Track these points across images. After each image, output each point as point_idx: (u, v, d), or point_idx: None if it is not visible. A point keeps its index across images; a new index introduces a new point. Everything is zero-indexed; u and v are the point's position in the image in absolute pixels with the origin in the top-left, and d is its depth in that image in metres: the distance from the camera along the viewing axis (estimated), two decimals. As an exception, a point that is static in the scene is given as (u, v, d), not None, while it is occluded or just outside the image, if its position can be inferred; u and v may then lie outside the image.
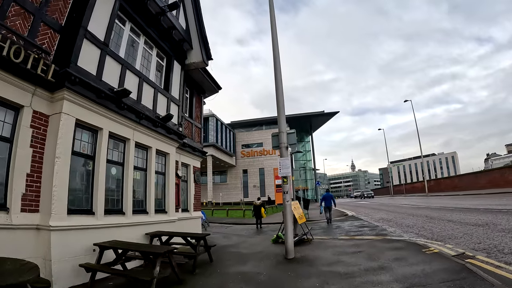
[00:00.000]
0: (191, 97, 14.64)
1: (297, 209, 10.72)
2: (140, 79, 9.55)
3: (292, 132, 8.92)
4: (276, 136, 8.94)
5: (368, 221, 15.58)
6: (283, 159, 8.45)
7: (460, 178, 37.65)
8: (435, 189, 41.12)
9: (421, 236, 9.84)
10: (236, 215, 27.71)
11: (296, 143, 8.74)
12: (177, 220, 10.95)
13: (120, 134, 8.46)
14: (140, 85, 9.54)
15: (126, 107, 8.41)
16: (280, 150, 8.63)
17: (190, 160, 13.53)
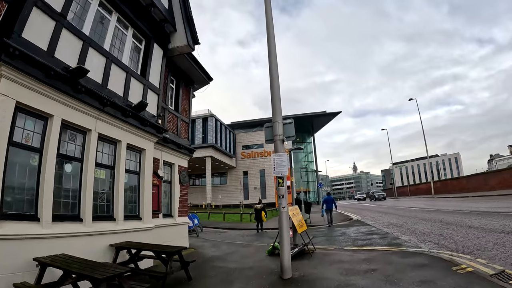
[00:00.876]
0: (178, 88, 13.11)
1: (297, 215, 9.13)
2: (108, 60, 8.02)
3: (290, 122, 7.30)
4: (269, 127, 7.37)
5: (376, 227, 13.98)
6: (278, 155, 6.88)
7: (468, 179, 35.94)
8: (442, 190, 39.41)
9: (443, 247, 8.25)
10: (233, 219, 26.13)
11: (294, 136, 7.15)
12: (155, 227, 9.36)
13: (78, 124, 6.94)
14: (108, 67, 8.01)
15: (85, 91, 6.88)
16: (274, 144, 7.06)
17: (175, 159, 11.98)
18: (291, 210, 8.88)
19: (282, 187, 6.74)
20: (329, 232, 14.13)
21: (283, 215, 6.57)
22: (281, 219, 6.58)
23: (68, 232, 6.27)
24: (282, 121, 7.18)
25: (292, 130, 7.21)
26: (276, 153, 6.91)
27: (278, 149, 6.94)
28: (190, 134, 13.79)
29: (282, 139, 6.94)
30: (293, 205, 10.13)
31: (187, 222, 12.43)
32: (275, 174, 6.83)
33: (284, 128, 7.14)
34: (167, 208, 11.47)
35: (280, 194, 6.68)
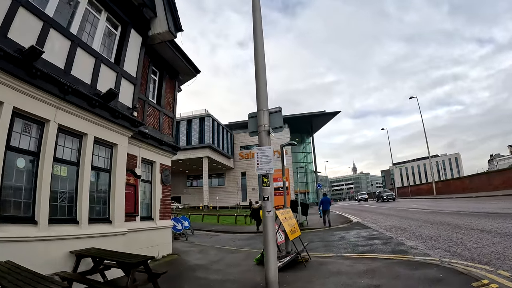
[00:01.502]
0: (161, 80, 12.06)
1: (289, 219, 8.04)
2: (74, 44, 7.00)
3: (277, 110, 6.19)
4: (253, 117, 6.30)
5: (378, 230, 12.89)
6: (262, 150, 5.83)
7: (471, 179, 34.81)
8: (444, 191, 38.30)
9: (456, 255, 7.18)
10: (228, 221, 25.02)
11: (282, 126, 6.08)
12: (129, 232, 8.31)
13: (33, 113, 5.94)
14: (72, 52, 6.99)
15: (41, 75, 5.87)
16: (258, 136, 6.00)
17: (156, 156, 10.92)
18: (283, 213, 7.83)
19: (267, 187, 5.67)
20: (327, 236, 13.06)
21: (268, 221, 5.49)
22: (266, 225, 5.49)
23: (17, 237, 5.27)
24: (268, 109, 6.11)
25: (280, 120, 6.13)
26: (260, 146, 5.84)
27: (262, 142, 5.87)
28: (175, 130, 12.70)
29: (268, 131, 5.88)
30: (285, 208, 9.03)
31: (170, 226, 11.35)
32: (258, 171, 5.78)
33: (270, 118, 6.07)
34: (146, 210, 10.41)
35: (265, 195, 5.61)
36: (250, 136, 6.64)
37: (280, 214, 7.59)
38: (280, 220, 7.35)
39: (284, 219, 7.60)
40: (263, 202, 5.59)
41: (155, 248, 10.04)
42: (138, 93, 9.71)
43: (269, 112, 6.12)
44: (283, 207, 9.14)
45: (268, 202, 5.53)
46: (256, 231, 17.63)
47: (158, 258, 9.93)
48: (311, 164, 77.05)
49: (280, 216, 7.49)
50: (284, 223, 7.49)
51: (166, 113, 12.06)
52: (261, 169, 5.71)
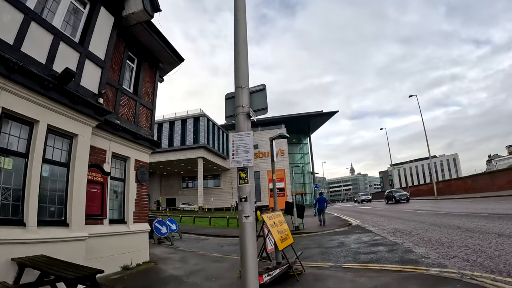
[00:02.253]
0: (139, 68, 10.87)
1: (279, 225, 6.79)
2: (27, 18, 5.89)
3: (260, 89, 4.94)
4: (231, 98, 5.06)
5: (381, 235, 11.65)
6: (239, 137, 4.59)
7: (474, 179, 33.62)
8: (445, 191, 37.09)
9: (478, 266, 5.97)
10: (220, 224, 23.78)
11: (266, 109, 4.83)
12: (92, 237, 7.12)
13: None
14: (25, 26, 5.90)
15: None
16: (236, 119, 4.75)
17: (130, 151, 9.68)
18: (271, 217, 6.59)
19: (246, 185, 4.43)
20: (325, 242, 11.82)
21: (247, 228, 4.23)
22: (243, 234, 4.22)
23: None
24: (250, 87, 4.88)
25: (264, 101, 4.90)
26: (238, 132, 4.60)
27: (240, 126, 4.63)
28: (153, 123, 11.43)
29: (248, 113, 4.63)
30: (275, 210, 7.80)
31: (146, 230, 10.06)
32: (234, 163, 4.54)
33: (252, 99, 4.84)
34: (118, 212, 9.18)
35: (243, 195, 4.36)
36: (226, 121, 5.36)
37: (268, 218, 6.35)
38: (268, 226, 6.11)
39: (273, 225, 6.36)
40: (239, 204, 4.35)
41: (129, 255, 8.87)
42: (107, 78, 8.54)
43: (250, 92, 4.89)
44: (272, 210, 7.94)
45: (247, 205, 4.29)
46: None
47: (132, 267, 8.76)
48: (308, 165, 75.91)
49: (268, 221, 6.26)
50: (273, 229, 6.26)
51: (144, 103, 10.85)
52: (237, 161, 4.47)
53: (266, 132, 65.99)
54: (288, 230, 7.08)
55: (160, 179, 71.82)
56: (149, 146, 10.74)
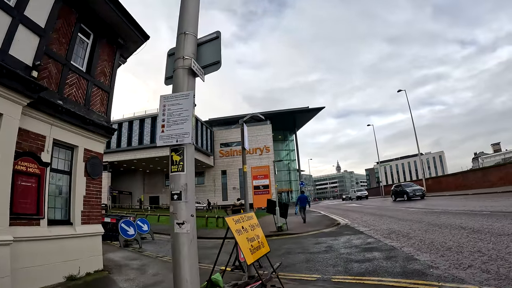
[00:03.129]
0: (95, 44, 9.25)
1: (249, 230, 5.18)
2: None
3: (212, 38, 3.38)
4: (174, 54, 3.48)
5: (374, 237, 10.19)
6: (173, 99, 3.03)
7: (465, 176, 32.59)
8: (435, 188, 36.03)
9: (503, 280, 4.55)
10: (199, 223, 22.10)
11: (219, 63, 3.27)
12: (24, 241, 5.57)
13: None
14: None
15: None
16: (174, 76, 3.19)
17: (79, 139, 8.07)
18: (239, 221, 5.03)
19: (180, 175, 2.87)
20: (310, 245, 10.31)
21: (181, 244, 2.70)
22: (176, 252, 2.70)
23: None
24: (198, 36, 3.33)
25: (217, 53, 3.36)
26: (174, 93, 3.04)
27: (178, 85, 3.09)
28: (110, 107, 9.77)
29: (190, 67, 3.07)
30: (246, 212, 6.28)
31: (98, 232, 8.42)
32: (163, 141, 2.99)
33: (200, 51, 3.30)
34: (62, 211, 7.63)
35: (175, 189, 2.81)
36: (165, 84, 3.74)
37: (234, 222, 4.80)
38: (233, 233, 4.56)
39: (241, 230, 4.81)
40: (171, 203, 2.80)
41: (76, 263, 7.35)
42: (51, 52, 7.08)
43: (199, 43, 3.34)
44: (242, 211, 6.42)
45: (181, 205, 2.76)
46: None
47: (79, 277, 7.25)
48: (294, 162, 74.55)
49: (234, 225, 4.70)
50: (240, 236, 4.69)
51: (99, 84, 9.21)
52: (168, 135, 2.93)
53: (251, 129, 64.43)
54: (262, 236, 5.53)
55: (143, 177, 69.69)
56: (104, 134, 9.12)
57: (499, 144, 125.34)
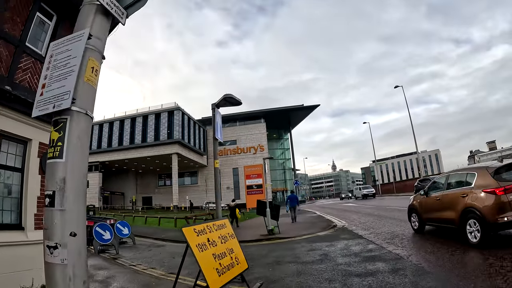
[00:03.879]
0: (57, 27, 8.11)
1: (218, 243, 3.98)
2: None
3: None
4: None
5: (375, 242, 9.01)
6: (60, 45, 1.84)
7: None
8: (433, 187, 34.97)
9: None
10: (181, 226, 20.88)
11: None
12: None
13: None
14: None
15: None
16: (79, 15, 2.01)
17: (32, 131, 6.92)
18: (204, 231, 3.84)
19: (58, 163, 1.71)
20: (303, 252, 9.11)
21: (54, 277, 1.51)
22: None
23: None
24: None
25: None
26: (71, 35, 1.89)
27: (82, 22, 1.89)
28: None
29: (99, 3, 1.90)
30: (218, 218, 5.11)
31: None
32: (38, 109, 1.82)
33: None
34: (10, 214, 6.47)
35: (49, 187, 1.65)
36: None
37: (195, 234, 3.61)
38: (192, 250, 3.36)
39: (204, 245, 3.62)
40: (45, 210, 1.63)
41: (29, 274, 6.19)
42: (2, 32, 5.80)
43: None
44: (211, 217, 5.27)
45: (54, 214, 1.58)
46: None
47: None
48: (289, 161, 73.36)
49: (194, 239, 3.51)
50: (203, 254, 3.49)
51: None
52: (45, 100, 1.75)
53: (245, 127, 63.32)
54: (238, 250, 4.35)
55: (136, 177, 68.32)
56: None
57: (494, 142, 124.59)
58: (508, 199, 6.07)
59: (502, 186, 6.24)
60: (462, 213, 7.00)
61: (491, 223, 6.18)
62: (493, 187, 6.39)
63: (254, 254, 9.57)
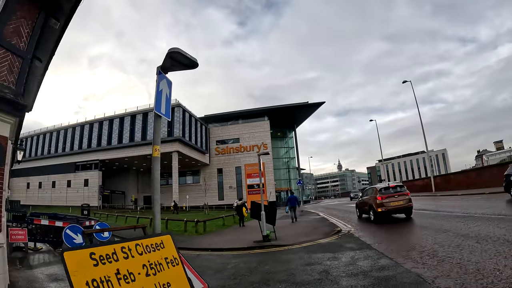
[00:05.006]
0: None
1: (139, 278, 2.45)
2: None
3: None
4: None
5: (388, 255, 7.38)
6: None
7: (478, 173, 29.59)
8: (443, 187, 33.00)
9: None
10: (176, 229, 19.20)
11: None
12: None
13: None
14: None
15: None
16: None
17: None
18: (110, 256, 2.26)
19: None
20: (300, 266, 7.50)
21: None
22: None
23: None
24: None
25: None
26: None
27: None
28: (22, 76, 7.06)
29: None
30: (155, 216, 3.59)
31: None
32: None
33: None
34: None
35: None
36: None
37: (91, 263, 2.05)
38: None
39: (109, 282, 2.06)
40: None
41: None
42: None
43: None
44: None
45: None
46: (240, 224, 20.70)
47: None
48: (293, 160, 71.64)
49: (83, 273, 1.96)
50: None
51: (7, 46, 6.55)
52: None
53: (248, 125, 61.78)
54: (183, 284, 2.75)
55: (137, 176, 67.00)
56: (10, 111, 6.46)
57: (501, 142, 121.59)
58: (382, 202, 13.76)
59: (380, 196, 14.03)
60: (369, 207, 14.98)
61: (377, 212, 13.87)
62: (378, 196, 14.08)
63: (240, 268, 8.03)
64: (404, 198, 13.91)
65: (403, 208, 13.90)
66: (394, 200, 13.75)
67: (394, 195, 13.93)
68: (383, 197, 13.89)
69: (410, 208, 13.96)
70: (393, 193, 14.08)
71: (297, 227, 16.18)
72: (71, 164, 57.82)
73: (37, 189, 62.50)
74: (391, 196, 13.90)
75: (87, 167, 56.61)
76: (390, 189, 14.34)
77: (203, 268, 8.10)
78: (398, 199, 13.78)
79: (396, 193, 14.04)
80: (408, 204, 13.87)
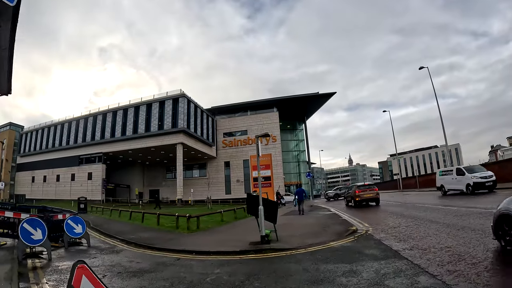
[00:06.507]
0: None
1: None
2: None
3: None
4: None
5: (428, 271, 5.25)
6: None
7: (502, 165, 26.97)
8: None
9: None
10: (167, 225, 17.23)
11: None
12: None
13: None
14: None
15: None
16: None
17: None
18: None
19: None
20: (304, 282, 5.48)
21: None
22: None
23: None
24: None
25: None
26: None
27: None
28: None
29: None
30: None
31: None
32: None
33: None
34: None
35: None
36: None
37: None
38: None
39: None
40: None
41: None
42: None
43: None
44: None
45: None
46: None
47: None
48: (303, 153, 69.28)
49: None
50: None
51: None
52: None
53: (257, 117, 59.57)
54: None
55: (143, 169, 65.43)
56: None
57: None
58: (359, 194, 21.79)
59: (357, 190, 22.24)
60: (352, 197, 22.84)
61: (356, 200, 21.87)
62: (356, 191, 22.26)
63: (221, 283, 5.91)
64: (373, 192, 21.70)
65: (372, 198, 21.42)
66: (366, 193, 21.61)
67: (367, 190, 21.94)
68: (359, 191, 21.81)
69: (377, 198, 21.46)
70: (366, 189, 22.25)
71: (304, 225, 14.10)
72: (75, 158, 56.40)
73: (42, 183, 61.41)
74: (365, 191, 21.91)
75: (91, 160, 55.10)
76: (365, 186, 22.90)
77: (173, 281, 6.11)
78: (369, 193, 21.61)
79: (368, 189, 22.14)
80: (376, 196, 21.47)
